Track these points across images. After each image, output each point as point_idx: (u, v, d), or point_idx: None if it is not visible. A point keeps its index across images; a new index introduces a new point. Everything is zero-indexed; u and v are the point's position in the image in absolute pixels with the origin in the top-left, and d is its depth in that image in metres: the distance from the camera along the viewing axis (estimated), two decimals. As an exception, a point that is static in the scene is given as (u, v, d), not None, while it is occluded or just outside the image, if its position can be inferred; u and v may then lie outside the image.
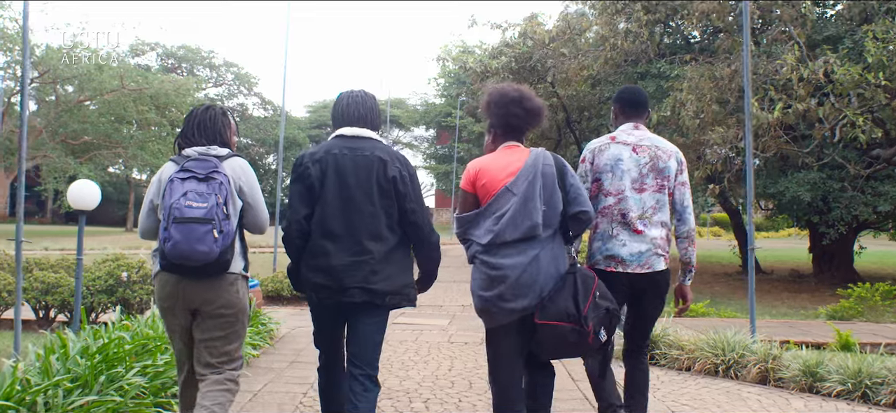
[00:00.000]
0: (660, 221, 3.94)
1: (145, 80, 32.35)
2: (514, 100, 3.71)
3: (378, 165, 3.56)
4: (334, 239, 3.51)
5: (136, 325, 5.61)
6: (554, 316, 3.44)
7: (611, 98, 19.51)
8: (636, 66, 16.50)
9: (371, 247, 3.51)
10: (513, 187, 3.52)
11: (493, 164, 3.65)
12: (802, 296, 15.61)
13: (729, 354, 6.37)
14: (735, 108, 13.55)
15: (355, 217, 3.51)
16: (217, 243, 3.24)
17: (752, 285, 7.30)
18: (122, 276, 8.14)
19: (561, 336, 3.46)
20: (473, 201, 3.65)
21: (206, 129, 3.59)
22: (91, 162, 33.61)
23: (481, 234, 3.54)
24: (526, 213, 3.47)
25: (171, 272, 3.38)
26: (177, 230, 3.21)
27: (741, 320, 10.40)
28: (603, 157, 3.99)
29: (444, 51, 22.25)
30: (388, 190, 3.55)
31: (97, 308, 8.19)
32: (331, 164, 3.54)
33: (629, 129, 4.06)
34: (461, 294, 13.32)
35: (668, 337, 6.89)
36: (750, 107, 11.72)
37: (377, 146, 3.63)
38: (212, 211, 3.26)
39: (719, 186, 13.43)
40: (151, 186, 3.56)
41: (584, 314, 3.44)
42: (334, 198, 3.52)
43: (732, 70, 12.89)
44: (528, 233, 3.47)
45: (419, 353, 7.20)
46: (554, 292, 3.48)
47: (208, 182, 3.33)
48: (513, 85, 3.87)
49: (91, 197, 7.63)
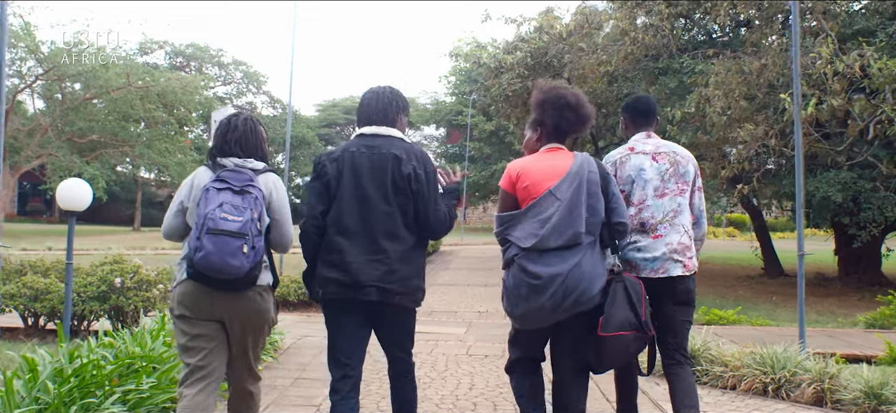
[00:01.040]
0: (680, 225, 3.95)
1: (152, 77, 31.82)
2: (570, 105, 3.70)
3: (393, 163, 3.53)
4: (349, 236, 3.49)
5: (121, 342, 5.03)
6: (617, 327, 3.50)
7: (628, 95, 19.10)
8: (657, 62, 15.86)
9: (387, 246, 3.49)
10: (557, 192, 3.50)
11: (535, 166, 3.64)
12: (830, 300, 14.96)
13: (779, 372, 5.75)
14: (763, 104, 12.91)
15: (371, 215, 3.50)
16: (248, 258, 3.25)
17: (802, 295, 6.70)
18: (116, 281, 7.57)
19: (625, 345, 3.54)
20: (513, 202, 3.63)
21: (248, 144, 3.59)
22: (97, 160, 33.22)
23: (523, 238, 3.49)
24: (570, 220, 3.45)
25: (197, 281, 3.35)
26: (210, 241, 3.19)
27: (779, 330, 9.76)
28: (625, 168, 4.02)
29: (457, 45, 21.61)
30: (403, 188, 3.53)
31: (89, 316, 7.61)
32: (347, 162, 3.55)
33: (643, 138, 4.12)
34: (476, 299, 12.72)
35: (709, 352, 6.27)
36: (783, 102, 11.20)
37: (394, 143, 3.61)
38: (246, 226, 3.26)
39: (748, 186, 12.74)
40: (183, 188, 3.57)
41: (644, 320, 3.56)
42: (350, 196, 3.52)
43: (761, 64, 12.25)
44: (571, 240, 3.44)
45: (436, 369, 6.60)
46: (610, 305, 3.52)
47: (243, 195, 3.33)
48: (569, 89, 3.84)
49: (82, 197, 7.12)
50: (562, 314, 3.44)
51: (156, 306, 7.53)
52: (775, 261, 19.52)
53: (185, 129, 39.15)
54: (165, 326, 5.78)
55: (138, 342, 5.02)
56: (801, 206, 6.86)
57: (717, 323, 10.00)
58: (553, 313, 3.43)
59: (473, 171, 39.61)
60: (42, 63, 29.14)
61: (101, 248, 24.07)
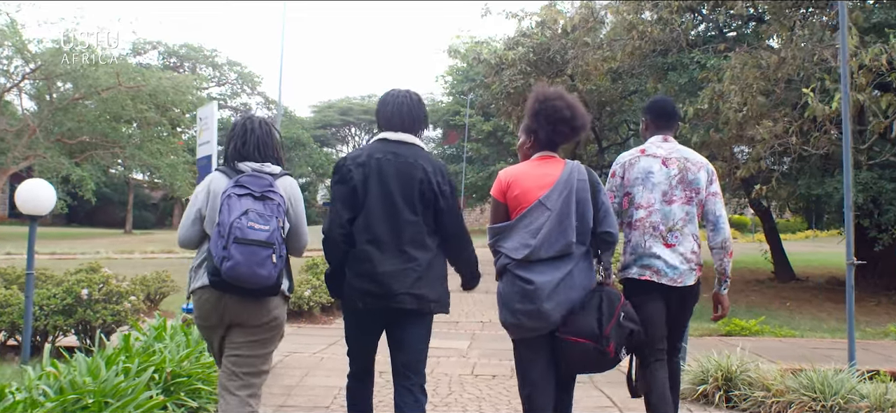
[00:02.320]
0: (690, 233, 3.96)
1: (142, 77, 31.02)
2: (565, 119, 3.63)
3: (422, 175, 3.53)
4: (380, 246, 3.47)
5: (70, 370, 4.28)
6: (575, 332, 3.45)
7: (634, 92, 18.45)
8: (666, 57, 15.16)
9: (416, 254, 3.50)
10: (546, 202, 3.50)
11: (526, 174, 3.62)
12: (847, 306, 14.24)
13: (831, 398, 5.03)
14: (781, 100, 12.20)
15: (398, 224, 3.49)
16: (275, 268, 3.22)
17: (851, 308, 6.05)
18: (82, 293, 6.83)
19: (583, 352, 3.46)
20: (504, 211, 3.62)
21: (267, 147, 3.54)
22: (88, 162, 32.48)
23: (514, 248, 3.50)
24: (561, 231, 3.47)
25: (219, 289, 3.31)
26: (238, 251, 3.15)
27: (806, 341, 9.04)
28: (633, 170, 4.01)
29: (456, 42, 20.88)
30: (429, 200, 3.54)
31: (52, 331, 6.84)
32: (373, 168, 3.51)
33: (659, 141, 4.09)
34: (478, 307, 11.98)
35: (747, 373, 5.53)
36: (805, 97, 10.50)
37: (420, 154, 3.61)
38: (273, 235, 3.22)
39: (766, 187, 12.03)
40: (198, 195, 3.52)
41: (606, 334, 3.45)
42: (378, 204, 3.49)
43: (780, 58, 11.55)
44: (562, 250, 3.47)
45: (438, 392, 5.86)
46: (578, 308, 3.49)
47: (265, 202, 3.29)
48: (564, 98, 3.71)
49: (43, 200, 6.45)
50: (554, 323, 3.45)
51: (127, 320, 6.78)
52: (786, 264, 18.81)
53: (179, 130, 38.37)
54: (130, 348, 5.07)
55: (91, 370, 4.28)
56: (850, 207, 6.21)
57: (739, 334, 9.30)
58: (546, 321, 3.44)
59: (471, 173, 38.94)
60: (29, 62, 28.39)
61: (89, 253, 23.36)
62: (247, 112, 50.35)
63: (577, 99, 3.79)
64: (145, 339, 5.63)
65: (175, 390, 4.70)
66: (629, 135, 22.82)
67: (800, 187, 13.95)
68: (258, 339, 3.47)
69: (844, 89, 6.28)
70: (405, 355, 3.62)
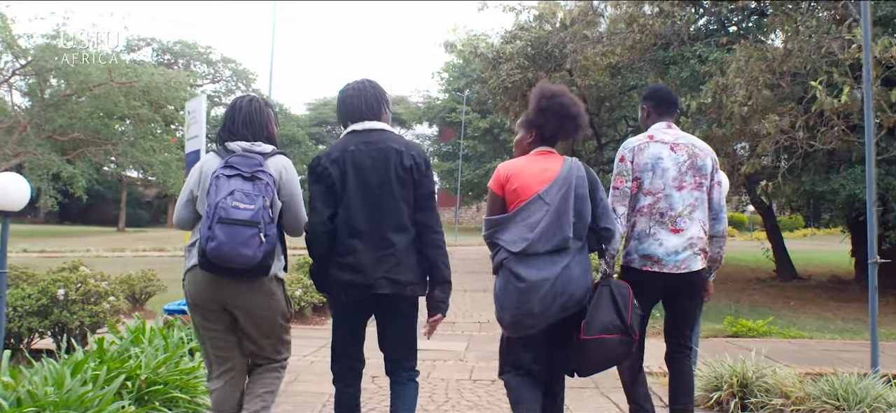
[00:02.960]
0: (699, 219, 3.94)
1: (134, 73, 30.56)
2: (572, 116, 3.68)
3: (394, 157, 3.54)
4: (361, 237, 3.47)
5: (34, 377, 3.91)
6: (600, 330, 3.47)
7: (633, 87, 18.08)
8: (667, 50, 14.80)
9: (394, 239, 3.49)
10: (545, 196, 3.51)
11: (525, 168, 3.64)
12: (851, 306, 13.94)
13: (856, 407, 4.69)
14: (785, 94, 11.84)
15: (379, 211, 3.49)
16: (261, 248, 3.18)
17: (874, 309, 5.72)
18: (59, 294, 6.46)
19: (608, 348, 3.50)
20: (501, 204, 3.63)
21: (253, 124, 3.53)
22: (81, 159, 32.05)
23: (511, 242, 3.50)
24: (558, 225, 3.48)
25: (207, 270, 3.28)
26: (221, 231, 3.13)
27: (816, 343, 8.70)
28: (643, 155, 3.97)
29: (453, 36, 20.50)
30: (406, 180, 3.53)
31: (26, 334, 6.45)
32: (349, 162, 3.52)
33: (663, 127, 4.09)
34: (475, 306, 11.62)
35: (764, 379, 5.18)
36: (813, 90, 10.18)
37: (390, 137, 3.62)
38: (258, 214, 3.20)
39: (773, 183, 11.68)
40: (191, 176, 3.54)
41: (629, 323, 3.50)
42: (357, 197, 3.49)
43: (786, 50, 11.21)
44: (559, 245, 3.47)
45: (434, 401, 5.50)
46: (593, 308, 3.50)
47: (254, 182, 3.28)
48: (570, 96, 3.75)
49: (15, 194, 6.03)
50: (550, 319, 3.45)
51: (106, 322, 6.41)
52: (788, 263, 18.50)
53: (173, 127, 37.95)
54: (104, 353, 4.71)
55: (55, 379, 3.91)
56: (874, 202, 5.87)
57: (746, 335, 8.97)
58: (542, 317, 3.44)
59: (467, 170, 38.59)
60: (19, 57, 27.96)
61: (79, 250, 23.01)
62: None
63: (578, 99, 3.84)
64: (121, 342, 5.26)
65: (149, 399, 4.36)
66: (628, 131, 22.44)
67: (804, 184, 13.58)
68: (257, 322, 3.48)
69: (867, 82, 5.95)
70: (391, 340, 3.66)
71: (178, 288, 12.33)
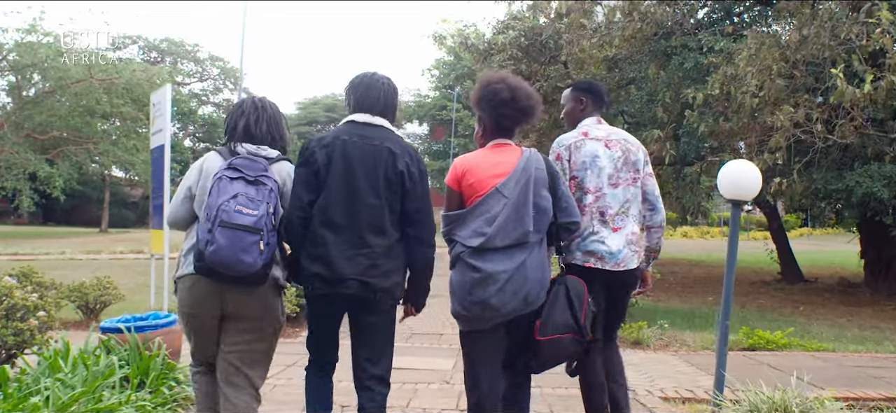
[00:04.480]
0: (634, 216, 3.96)
1: (115, 69, 29.64)
2: (505, 101, 3.57)
3: (387, 157, 3.41)
4: (335, 229, 3.33)
5: None
6: (554, 330, 3.45)
7: (632, 81, 17.22)
8: (669, 40, 13.95)
9: (372, 241, 3.36)
10: (503, 190, 3.43)
11: (481, 162, 3.57)
12: (864, 311, 13.16)
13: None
14: (800, 85, 10.98)
15: (358, 208, 3.36)
16: (262, 255, 3.10)
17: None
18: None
19: (562, 347, 3.49)
20: (458, 200, 3.56)
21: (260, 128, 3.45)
22: (62, 158, 31.14)
23: (469, 236, 3.42)
24: (518, 219, 3.40)
25: (204, 275, 3.17)
26: (222, 235, 3.04)
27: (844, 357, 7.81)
28: (579, 153, 3.93)
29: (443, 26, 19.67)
30: (395, 184, 3.41)
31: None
32: (338, 149, 3.40)
33: (594, 123, 4.05)
34: (465, 314, 10.72)
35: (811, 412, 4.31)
36: (833, 78, 9.33)
37: (389, 136, 3.49)
38: (261, 221, 3.11)
39: (788, 180, 10.84)
40: (191, 173, 3.44)
41: (582, 324, 3.50)
42: (339, 186, 3.36)
43: (801, 36, 10.36)
44: (518, 239, 3.39)
45: (413, 439, 4.62)
46: (549, 307, 3.48)
47: (257, 186, 3.20)
48: (506, 80, 3.62)
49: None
50: (508, 314, 3.37)
51: (34, 341, 5.49)
52: (793, 265, 17.72)
53: (158, 126, 37.04)
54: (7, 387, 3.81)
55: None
56: None
57: (764, 348, 8.11)
58: (500, 311, 3.35)
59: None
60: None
61: (54, 253, 22.07)
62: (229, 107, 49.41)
63: (522, 81, 3.66)
64: (32, 371, 4.37)
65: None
66: (625, 127, 21.68)
67: (816, 182, 12.71)
68: (251, 331, 3.38)
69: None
70: (361, 346, 3.50)
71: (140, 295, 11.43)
